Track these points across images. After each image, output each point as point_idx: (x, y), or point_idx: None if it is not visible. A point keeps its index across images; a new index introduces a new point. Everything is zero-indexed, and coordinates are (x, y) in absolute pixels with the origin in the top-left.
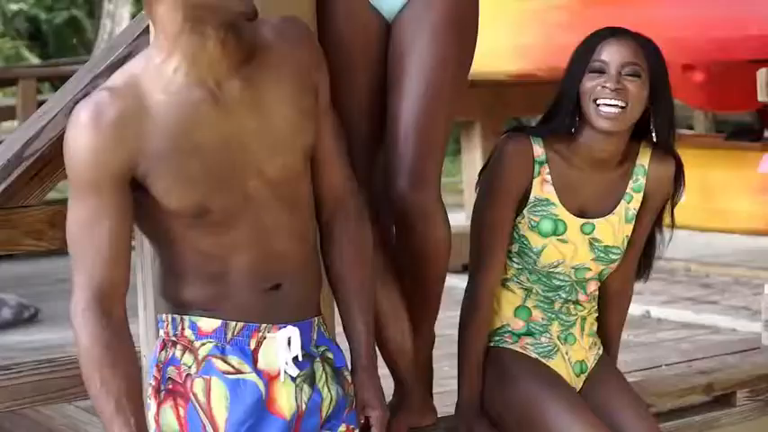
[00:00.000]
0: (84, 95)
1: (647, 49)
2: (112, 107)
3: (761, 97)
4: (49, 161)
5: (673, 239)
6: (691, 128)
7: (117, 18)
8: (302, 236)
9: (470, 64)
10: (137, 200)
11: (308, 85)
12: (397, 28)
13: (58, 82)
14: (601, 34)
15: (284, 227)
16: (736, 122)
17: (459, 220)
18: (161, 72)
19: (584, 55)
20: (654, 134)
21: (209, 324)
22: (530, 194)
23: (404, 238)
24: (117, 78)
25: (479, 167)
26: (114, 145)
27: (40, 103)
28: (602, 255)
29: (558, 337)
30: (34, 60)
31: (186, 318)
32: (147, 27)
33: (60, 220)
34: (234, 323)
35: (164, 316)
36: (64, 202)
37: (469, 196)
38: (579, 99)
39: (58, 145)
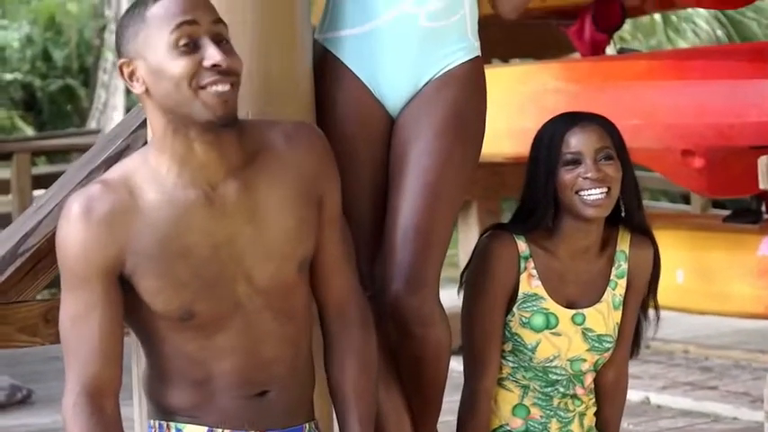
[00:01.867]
0: None
1: (609, 128)
2: (104, 201)
3: (762, 184)
4: (45, 256)
5: (671, 321)
6: (687, 200)
7: (111, 88)
8: (294, 341)
9: (476, 160)
10: (125, 296)
11: (310, 195)
12: (400, 124)
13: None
14: (562, 124)
15: (274, 334)
16: (733, 198)
17: (455, 297)
18: (155, 170)
19: (551, 148)
20: (624, 211)
21: (195, 431)
22: (518, 291)
23: (401, 341)
24: (113, 172)
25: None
26: (103, 240)
27: (35, 177)
28: (596, 344)
29: None
30: (28, 130)
31: (172, 424)
32: (145, 120)
33: (55, 316)
34: (220, 430)
35: (152, 422)
36: (59, 296)
37: None
38: (556, 192)
39: (53, 240)
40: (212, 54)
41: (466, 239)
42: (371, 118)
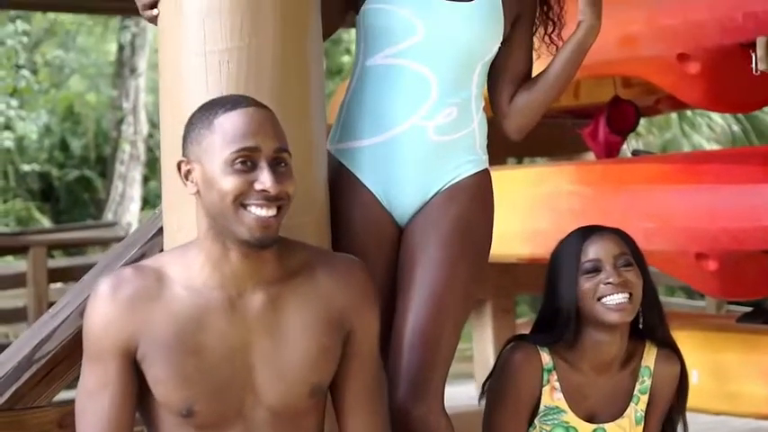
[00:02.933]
0: None
1: (625, 237)
2: (131, 284)
3: None
4: (60, 362)
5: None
6: (704, 295)
7: (128, 180)
8: None
9: (482, 271)
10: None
11: (337, 325)
12: (408, 234)
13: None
14: (578, 236)
15: None
16: None
17: (469, 392)
18: (188, 266)
19: (570, 260)
20: (643, 321)
21: None
22: (539, 403)
23: None
24: (149, 260)
25: (490, 345)
26: (122, 320)
27: (51, 270)
28: None
29: None
30: (45, 221)
31: None
32: (161, 229)
33: (70, 422)
34: None
35: None
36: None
37: (480, 370)
38: (577, 303)
39: (69, 346)
40: (265, 179)
41: (480, 336)
42: (380, 228)
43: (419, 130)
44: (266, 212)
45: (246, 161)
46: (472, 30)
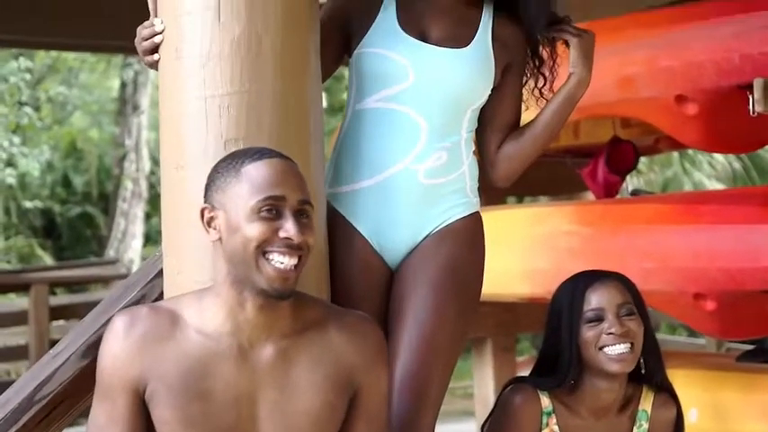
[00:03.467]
0: (98, 338)
1: (627, 284)
2: (144, 323)
3: None
4: (61, 402)
5: None
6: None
7: (131, 217)
8: None
9: (473, 313)
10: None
11: (345, 384)
12: (399, 277)
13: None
14: (581, 282)
15: None
16: None
17: (470, 430)
18: (203, 310)
19: (573, 307)
20: (644, 368)
21: None
22: None
23: None
24: (167, 301)
25: (491, 383)
26: (132, 357)
27: (52, 308)
28: None
29: None
30: (47, 257)
31: None
32: (161, 271)
33: None
34: None
35: None
36: None
37: (480, 408)
38: (579, 350)
39: (69, 388)
40: (289, 228)
41: (480, 374)
42: (372, 271)
43: (409, 173)
44: (288, 261)
45: (272, 209)
46: (462, 76)
